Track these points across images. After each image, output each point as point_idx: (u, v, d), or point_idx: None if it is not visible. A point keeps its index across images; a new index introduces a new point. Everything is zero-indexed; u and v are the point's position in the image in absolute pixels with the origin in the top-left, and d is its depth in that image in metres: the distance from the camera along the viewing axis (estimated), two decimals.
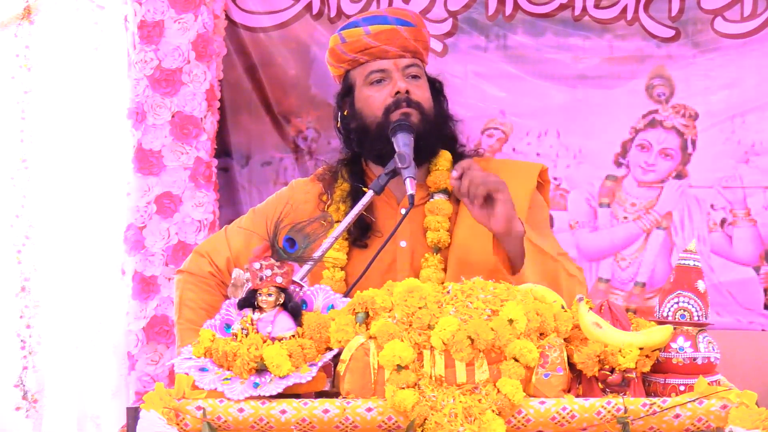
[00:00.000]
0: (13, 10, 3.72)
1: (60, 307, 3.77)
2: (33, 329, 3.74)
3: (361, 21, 2.77)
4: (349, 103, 2.76)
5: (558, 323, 2.10)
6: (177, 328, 2.67)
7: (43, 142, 3.74)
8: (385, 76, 2.72)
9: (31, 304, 3.73)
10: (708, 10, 3.77)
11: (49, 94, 3.75)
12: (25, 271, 3.73)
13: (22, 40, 3.73)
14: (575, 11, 3.81)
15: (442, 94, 2.81)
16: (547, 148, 3.85)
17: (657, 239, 3.83)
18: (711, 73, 3.79)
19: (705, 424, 1.99)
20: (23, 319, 3.72)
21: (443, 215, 2.71)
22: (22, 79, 3.73)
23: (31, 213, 3.74)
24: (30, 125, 3.74)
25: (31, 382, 3.74)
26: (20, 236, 3.73)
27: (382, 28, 2.73)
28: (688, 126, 3.83)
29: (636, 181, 3.85)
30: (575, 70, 3.82)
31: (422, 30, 2.79)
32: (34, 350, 3.74)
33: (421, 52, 2.78)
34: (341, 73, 2.80)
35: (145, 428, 2.02)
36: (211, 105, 3.66)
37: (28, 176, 3.73)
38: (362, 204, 2.57)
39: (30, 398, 3.72)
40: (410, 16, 2.78)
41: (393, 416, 2.02)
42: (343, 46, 2.75)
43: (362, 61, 2.74)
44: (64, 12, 3.75)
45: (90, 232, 3.76)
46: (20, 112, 3.73)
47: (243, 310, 2.15)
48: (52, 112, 3.75)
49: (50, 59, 3.75)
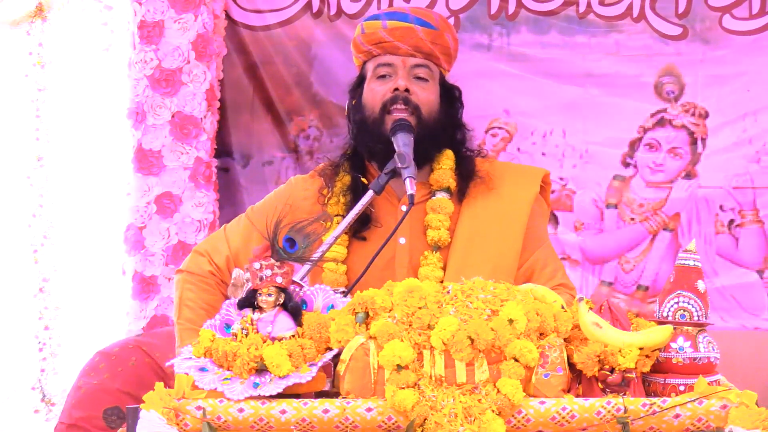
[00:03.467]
0: (25, 7, 3.73)
1: (79, 309, 3.77)
2: (52, 331, 3.74)
3: (383, 15, 2.80)
4: (359, 94, 2.78)
5: (558, 323, 2.10)
6: (176, 328, 2.67)
7: (59, 140, 3.75)
8: (391, 71, 2.74)
9: (51, 306, 3.74)
10: (715, 7, 3.75)
11: (64, 92, 3.76)
12: (44, 272, 3.74)
13: (35, 37, 3.74)
14: (580, 8, 3.79)
15: (459, 101, 2.80)
16: (553, 148, 3.83)
17: (663, 241, 3.81)
18: (721, 71, 3.76)
19: (705, 424, 1.99)
20: (42, 321, 3.73)
21: (445, 214, 2.71)
22: (36, 77, 3.75)
23: (49, 212, 3.74)
24: (45, 123, 3.75)
25: (50, 385, 3.74)
26: (38, 236, 3.73)
27: (399, 25, 2.74)
28: (698, 125, 3.80)
29: (644, 182, 3.82)
30: (581, 69, 3.80)
31: (444, 34, 2.77)
32: (55, 352, 3.74)
33: (437, 56, 2.76)
34: (360, 63, 2.83)
35: (145, 428, 2.02)
36: (211, 105, 3.67)
37: (45, 175, 3.74)
38: (362, 204, 2.57)
39: (48, 401, 3.73)
40: (434, 18, 2.78)
41: (393, 416, 2.02)
42: (362, 36, 2.79)
43: (375, 54, 2.76)
44: (75, 11, 3.76)
45: (98, 231, 3.77)
46: (35, 110, 3.74)
47: (243, 310, 2.16)
48: (67, 110, 3.76)
49: (64, 56, 3.76)
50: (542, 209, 2.80)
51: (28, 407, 3.75)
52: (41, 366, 3.73)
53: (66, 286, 3.77)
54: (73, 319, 3.76)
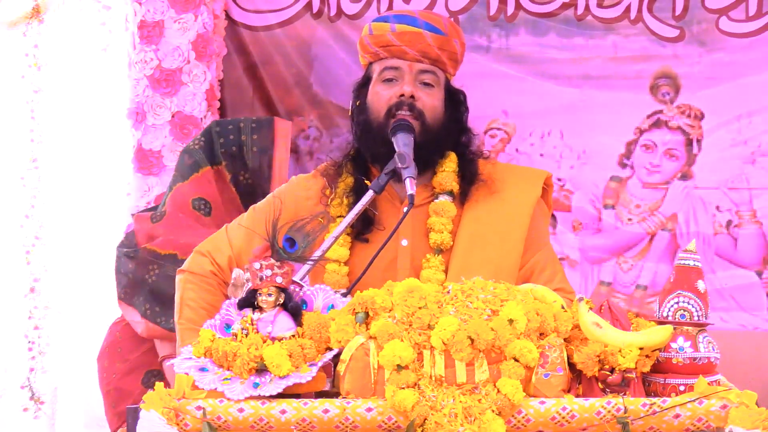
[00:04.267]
0: (21, 9, 3.72)
1: (71, 309, 3.77)
2: (42, 330, 3.74)
3: (392, 17, 2.78)
4: (363, 95, 2.77)
5: (558, 323, 2.10)
6: (177, 328, 2.67)
7: (53, 142, 3.75)
8: (397, 75, 2.73)
9: (41, 305, 3.74)
10: (712, 9, 3.76)
11: (59, 94, 3.76)
12: (35, 272, 3.74)
13: (31, 39, 3.74)
14: (578, 11, 3.80)
15: (464, 105, 2.79)
16: (551, 149, 3.84)
17: (661, 241, 3.82)
18: (717, 73, 3.77)
19: (705, 424, 1.99)
20: (32, 320, 3.73)
21: (447, 217, 2.71)
22: (31, 79, 3.74)
23: (41, 213, 3.74)
24: (40, 125, 3.74)
25: (39, 383, 3.74)
26: (30, 237, 3.73)
27: (407, 29, 2.73)
28: (693, 126, 3.81)
29: (641, 182, 3.83)
30: (579, 70, 3.81)
31: (452, 40, 2.76)
32: (44, 351, 3.74)
33: (444, 61, 2.75)
34: (366, 63, 2.82)
35: (145, 428, 2.02)
36: (211, 105, 3.67)
37: (39, 176, 3.74)
38: (362, 204, 2.57)
39: (37, 399, 3.73)
40: (443, 24, 2.77)
41: (393, 416, 2.02)
42: (369, 37, 2.77)
43: (382, 56, 2.75)
44: (72, 12, 3.76)
45: (92, 232, 3.76)
46: (30, 111, 3.74)
47: (243, 310, 2.16)
48: (62, 112, 3.76)
49: (60, 58, 3.75)
50: (543, 212, 2.80)
51: (17, 405, 3.74)
52: (30, 365, 3.73)
53: (57, 285, 3.76)
54: (63, 319, 3.76)
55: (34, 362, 3.73)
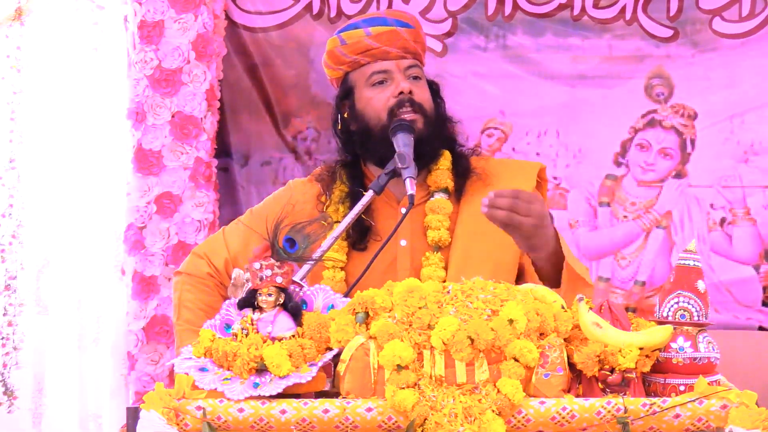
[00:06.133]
0: (4, 11, 3.71)
1: (57, 307, 3.76)
2: (17, 327, 3.73)
3: (362, 23, 2.78)
4: (349, 106, 2.76)
5: (558, 323, 2.10)
6: (176, 329, 2.67)
7: (34, 143, 3.74)
8: (387, 77, 2.73)
9: (16, 303, 3.73)
10: (706, 10, 3.78)
11: (40, 95, 3.75)
12: (11, 270, 3.73)
13: (13, 41, 3.73)
14: (574, 11, 3.81)
15: (440, 95, 2.82)
16: (547, 148, 3.85)
17: (657, 238, 3.84)
18: (710, 73, 3.79)
19: (705, 424, 1.99)
20: (6, 317, 3.73)
21: (444, 214, 2.71)
22: (12, 80, 3.73)
23: (19, 212, 3.73)
24: (19, 126, 3.74)
25: (13, 378, 3.73)
26: (7, 236, 3.73)
27: (382, 30, 2.74)
28: (687, 126, 3.83)
29: (635, 181, 3.86)
30: (574, 70, 3.82)
31: (420, 32, 2.80)
32: (18, 347, 3.74)
33: (420, 53, 2.79)
34: (339, 75, 2.80)
35: (145, 428, 2.02)
36: (211, 105, 3.66)
37: (17, 176, 3.73)
38: (362, 204, 2.57)
39: (10, 394, 3.72)
40: (408, 18, 2.80)
41: (393, 416, 2.02)
42: (342, 48, 2.75)
43: (363, 63, 2.74)
44: (63, 12, 3.75)
45: (88, 231, 3.75)
46: (10, 112, 3.73)
47: (243, 310, 2.15)
48: (44, 113, 3.75)
49: (42, 60, 3.74)
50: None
51: None
52: (4, 360, 3.72)
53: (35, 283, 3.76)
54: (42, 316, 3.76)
55: (8, 358, 3.73)
